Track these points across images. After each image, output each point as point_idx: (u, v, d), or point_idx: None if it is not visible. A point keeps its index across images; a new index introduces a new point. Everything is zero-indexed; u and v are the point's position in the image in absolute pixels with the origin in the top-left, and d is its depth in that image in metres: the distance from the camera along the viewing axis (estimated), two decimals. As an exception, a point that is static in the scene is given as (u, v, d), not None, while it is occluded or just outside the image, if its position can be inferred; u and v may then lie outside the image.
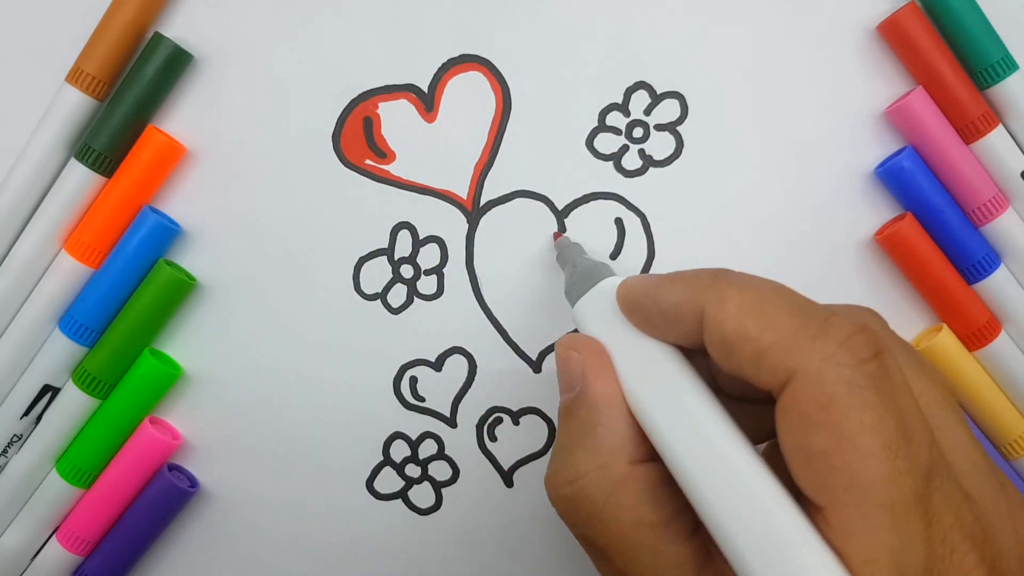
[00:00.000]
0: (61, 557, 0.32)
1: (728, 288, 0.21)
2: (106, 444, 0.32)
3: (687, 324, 0.22)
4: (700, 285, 0.22)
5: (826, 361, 0.19)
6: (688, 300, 0.22)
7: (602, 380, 0.23)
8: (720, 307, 0.21)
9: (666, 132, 0.32)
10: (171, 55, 0.30)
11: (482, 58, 0.31)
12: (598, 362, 0.24)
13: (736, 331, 0.20)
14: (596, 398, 0.23)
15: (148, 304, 0.31)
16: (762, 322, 0.20)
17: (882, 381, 0.19)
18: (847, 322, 0.20)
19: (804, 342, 0.19)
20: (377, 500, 0.33)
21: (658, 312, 0.23)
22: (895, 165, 0.30)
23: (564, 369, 0.24)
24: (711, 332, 0.21)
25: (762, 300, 0.21)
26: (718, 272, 0.22)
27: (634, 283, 0.24)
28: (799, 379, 0.19)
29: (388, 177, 0.32)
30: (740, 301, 0.21)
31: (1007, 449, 0.32)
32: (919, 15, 0.30)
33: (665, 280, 0.23)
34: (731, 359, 0.21)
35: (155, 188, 0.31)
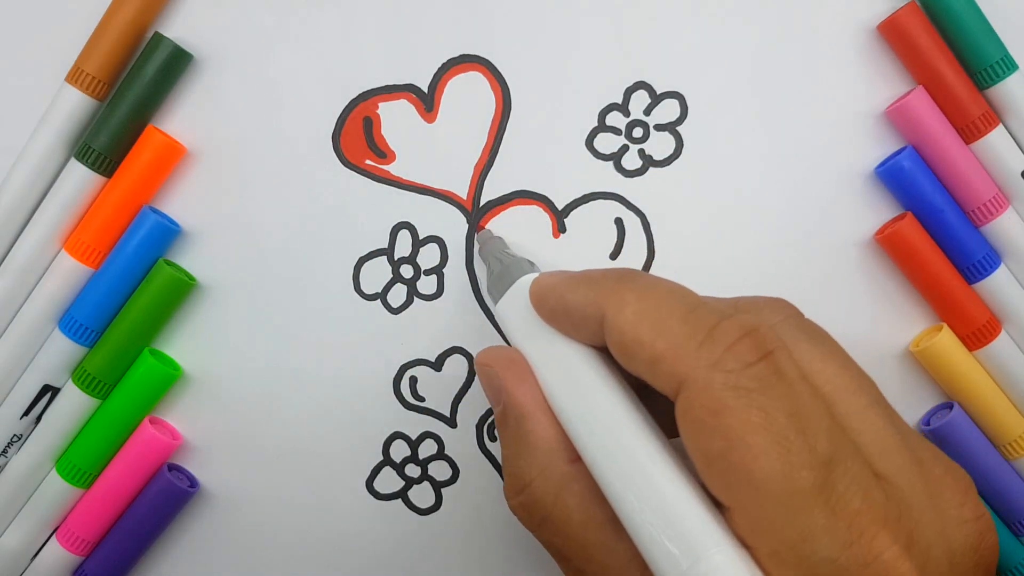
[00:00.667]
0: (61, 557, 0.32)
1: (628, 292, 0.22)
2: (106, 444, 0.32)
3: (591, 326, 0.22)
4: (603, 288, 0.22)
5: (713, 368, 0.20)
6: (591, 302, 0.22)
7: (521, 389, 0.24)
8: (619, 312, 0.22)
9: (666, 132, 0.32)
10: (171, 55, 0.30)
11: (482, 58, 0.31)
12: (514, 372, 0.24)
13: (632, 337, 0.21)
14: (519, 407, 0.24)
15: (148, 304, 0.31)
16: (655, 328, 0.21)
17: (770, 380, 0.19)
18: (734, 326, 0.20)
19: (692, 349, 0.20)
20: (377, 500, 0.33)
21: (564, 312, 0.23)
22: (895, 165, 0.30)
23: (486, 384, 0.25)
24: (610, 336, 0.22)
25: (658, 305, 0.21)
26: (622, 274, 0.23)
27: (544, 281, 0.25)
28: (689, 387, 0.20)
29: (388, 177, 0.32)
30: (637, 307, 0.21)
31: (1007, 449, 0.32)
32: (919, 15, 0.30)
33: (573, 280, 0.24)
34: (630, 364, 0.21)
35: (155, 188, 0.31)
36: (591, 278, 0.23)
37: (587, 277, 0.23)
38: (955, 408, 0.32)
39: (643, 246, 0.32)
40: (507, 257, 0.28)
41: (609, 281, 0.23)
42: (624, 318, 0.21)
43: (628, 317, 0.21)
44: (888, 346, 0.32)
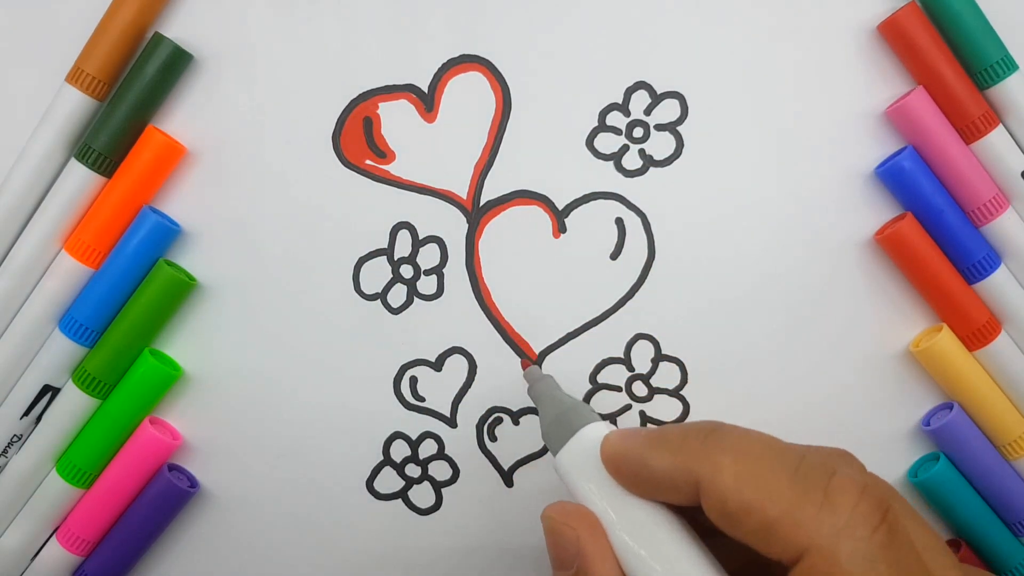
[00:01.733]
0: (61, 557, 0.32)
1: (721, 455, 0.21)
2: (106, 444, 0.32)
3: (681, 491, 0.22)
4: (690, 451, 0.22)
5: (838, 536, 0.19)
6: (679, 468, 0.21)
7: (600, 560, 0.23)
8: (716, 478, 0.21)
9: (666, 132, 0.32)
10: (171, 55, 0.30)
11: (482, 58, 0.31)
12: (594, 539, 0.23)
13: (738, 504, 0.20)
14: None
15: (148, 304, 0.31)
16: (763, 492, 0.20)
17: (892, 547, 0.19)
18: (849, 484, 0.20)
19: (812, 513, 0.19)
20: (377, 500, 0.33)
21: (648, 478, 0.22)
22: (895, 165, 0.30)
23: (557, 544, 0.24)
24: (710, 502, 0.21)
25: (758, 466, 0.20)
26: (707, 433, 0.22)
27: (618, 443, 0.23)
28: (813, 555, 0.19)
29: (388, 177, 0.32)
30: (736, 470, 0.20)
31: (1007, 449, 0.32)
32: (919, 15, 0.30)
33: (652, 443, 0.22)
34: (735, 530, 0.20)
35: (155, 188, 0.31)
36: (671, 440, 0.22)
37: (666, 439, 0.22)
38: (955, 408, 0.32)
39: (643, 246, 0.32)
40: (564, 400, 0.27)
41: (695, 442, 0.22)
42: (724, 483, 0.20)
43: (728, 483, 0.20)
44: (888, 346, 0.32)
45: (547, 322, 0.32)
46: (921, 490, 0.32)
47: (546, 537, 0.24)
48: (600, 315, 0.32)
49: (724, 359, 0.32)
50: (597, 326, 0.32)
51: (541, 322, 0.32)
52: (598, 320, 0.32)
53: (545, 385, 0.28)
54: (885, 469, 0.32)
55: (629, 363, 0.32)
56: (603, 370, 0.32)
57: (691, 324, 0.32)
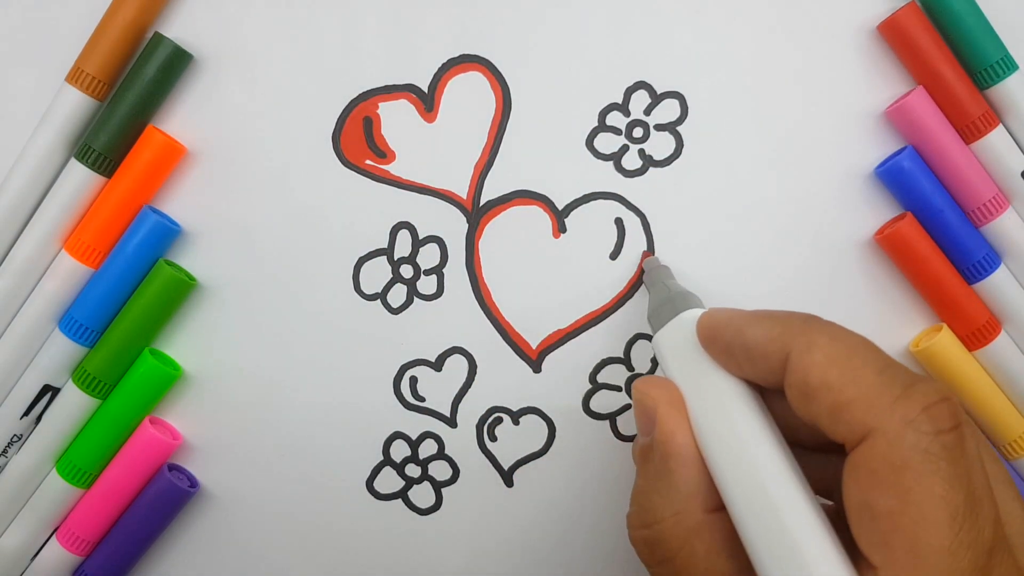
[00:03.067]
0: (61, 557, 0.32)
1: (818, 335, 0.21)
2: (106, 444, 0.32)
3: (770, 363, 0.22)
4: (790, 326, 0.22)
5: (907, 425, 0.19)
6: (775, 339, 0.22)
7: (674, 427, 0.23)
8: (807, 352, 0.21)
9: (666, 132, 0.32)
10: (171, 55, 0.30)
11: (482, 58, 0.31)
12: (671, 407, 0.24)
13: (820, 379, 0.20)
14: (669, 445, 0.23)
15: (148, 304, 0.31)
16: (847, 375, 0.20)
17: (958, 453, 0.19)
18: (932, 389, 0.20)
19: (887, 402, 0.20)
20: (377, 500, 0.33)
21: (741, 345, 0.23)
22: (895, 165, 0.30)
23: (640, 411, 0.25)
24: (794, 376, 0.21)
25: (851, 353, 0.21)
26: (809, 317, 0.22)
27: (718, 314, 0.24)
28: (876, 438, 0.19)
29: (388, 177, 0.32)
30: (829, 351, 0.21)
31: (1007, 449, 0.32)
32: (919, 15, 0.30)
33: (753, 315, 0.23)
34: (809, 407, 0.21)
35: (155, 188, 0.31)
36: (774, 315, 0.23)
37: (769, 314, 0.23)
38: (955, 408, 0.32)
39: (643, 246, 0.32)
40: (674, 287, 0.27)
41: (796, 320, 0.22)
42: (812, 359, 0.21)
43: (817, 359, 0.21)
44: (888, 346, 0.32)
45: (547, 322, 0.32)
46: (921, 490, 0.32)
47: (633, 405, 0.25)
48: (600, 315, 0.32)
49: (724, 359, 0.32)
50: (597, 326, 0.32)
51: (541, 322, 0.32)
52: (598, 320, 0.32)
53: (660, 273, 0.29)
54: (885, 469, 0.33)
55: (629, 363, 0.32)
56: (603, 370, 0.32)
57: (691, 324, 0.32)
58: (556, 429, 0.33)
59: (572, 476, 0.33)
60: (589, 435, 0.32)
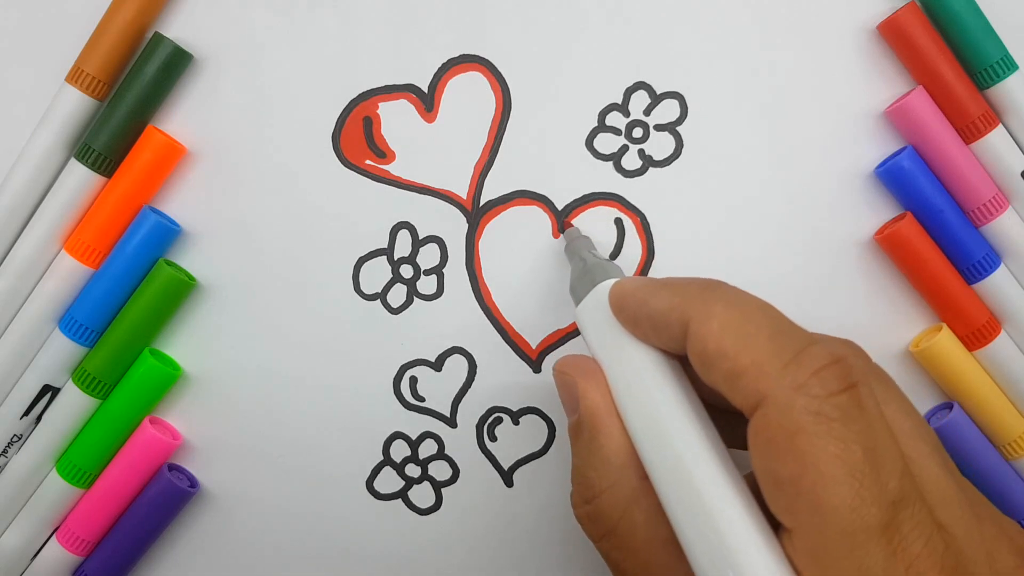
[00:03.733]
0: (61, 557, 0.32)
1: (715, 303, 0.21)
2: (106, 444, 0.32)
3: (672, 331, 0.22)
4: (689, 295, 0.22)
5: (797, 390, 0.19)
6: (675, 308, 0.22)
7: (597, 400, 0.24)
8: (704, 321, 0.21)
9: (666, 132, 0.32)
10: (171, 55, 0.30)
11: (482, 58, 0.31)
12: (592, 381, 0.24)
13: (716, 348, 0.21)
14: (594, 419, 0.24)
15: (148, 304, 0.31)
16: (740, 342, 0.20)
17: (852, 412, 0.19)
18: (823, 352, 0.20)
19: (777, 368, 0.20)
20: (377, 500, 0.33)
21: (645, 316, 0.23)
22: (895, 165, 0.30)
23: (562, 391, 0.25)
24: (693, 344, 0.21)
25: (745, 320, 0.21)
26: (708, 284, 0.23)
27: (625, 285, 0.24)
28: (768, 405, 0.20)
29: (388, 177, 0.32)
30: (724, 318, 0.21)
31: (1007, 449, 0.32)
32: (919, 15, 0.30)
33: (656, 284, 0.23)
34: (709, 374, 0.21)
35: (155, 188, 0.31)
36: (675, 284, 0.23)
37: (670, 283, 0.23)
38: (955, 408, 0.32)
39: (643, 246, 0.32)
40: (591, 258, 0.28)
41: (695, 288, 0.22)
42: (709, 328, 0.21)
43: (713, 328, 0.21)
44: (888, 346, 0.32)
45: (547, 322, 0.32)
46: (921, 490, 0.32)
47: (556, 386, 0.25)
48: (600, 315, 0.32)
49: (724, 359, 0.32)
50: (597, 326, 0.32)
51: (541, 322, 0.32)
52: (598, 320, 0.32)
53: (579, 244, 0.29)
54: (885, 469, 0.33)
55: (629, 363, 0.32)
56: (603, 370, 0.32)
57: (691, 324, 0.32)
58: (556, 429, 0.33)
59: (572, 476, 0.33)
60: (589, 435, 0.32)
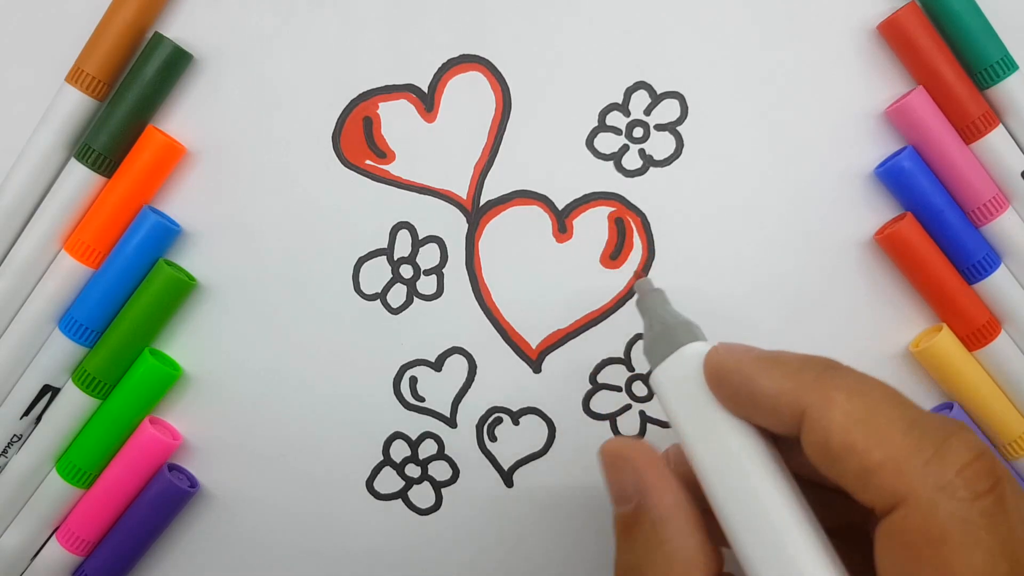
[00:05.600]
0: (61, 557, 0.32)
1: (835, 391, 0.20)
2: (106, 444, 0.32)
3: (782, 417, 0.21)
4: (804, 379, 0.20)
5: (941, 491, 0.18)
6: (788, 392, 0.20)
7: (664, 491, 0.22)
8: (825, 411, 0.20)
9: (666, 132, 0.32)
10: (171, 55, 0.30)
11: (482, 58, 0.31)
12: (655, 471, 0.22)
13: (842, 442, 0.19)
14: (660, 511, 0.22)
15: (148, 304, 0.31)
16: (872, 436, 0.19)
17: (998, 518, 0.18)
18: (964, 446, 0.19)
19: (918, 465, 0.18)
20: (377, 500, 0.33)
21: (750, 395, 0.21)
22: (895, 165, 0.30)
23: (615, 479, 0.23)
24: (812, 435, 0.20)
25: (873, 410, 0.19)
26: (825, 366, 0.21)
27: (726, 355, 0.22)
28: (910, 506, 0.18)
29: (388, 177, 0.32)
30: (848, 408, 0.20)
31: (1007, 449, 0.32)
32: (919, 15, 0.30)
33: (764, 361, 0.21)
34: (832, 468, 0.20)
35: (155, 188, 0.31)
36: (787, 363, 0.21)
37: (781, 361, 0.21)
38: (955, 408, 0.32)
39: (643, 246, 0.32)
40: (670, 316, 0.25)
41: (811, 371, 0.21)
42: (833, 418, 0.19)
43: (838, 418, 0.19)
44: (888, 346, 0.32)
45: (547, 322, 0.32)
46: (921, 490, 0.32)
47: (604, 472, 0.23)
48: (600, 315, 0.32)
49: (724, 359, 0.32)
50: (597, 326, 0.32)
51: (541, 322, 0.32)
52: (598, 320, 0.32)
53: (654, 299, 0.27)
54: (885, 469, 0.32)
55: (629, 363, 0.32)
56: (603, 370, 0.32)
57: (691, 324, 0.32)
58: (556, 429, 0.32)
59: (572, 476, 0.33)
60: (589, 435, 0.32)
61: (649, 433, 0.32)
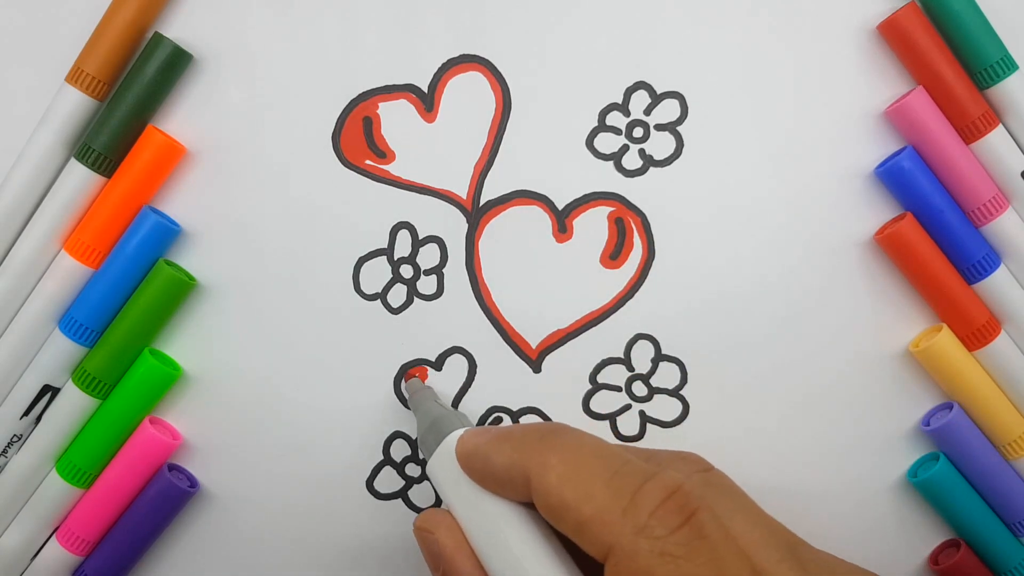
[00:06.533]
0: (61, 557, 0.32)
1: (551, 454, 0.22)
2: (106, 444, 0.32)
3: (517, 487, 0.23)
4: (526, 448, 0.23)
5: (639, 534, 0.20)
6: (515, 464, 0.23)
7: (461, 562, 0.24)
8: (543, 476, 0.22)
9: (666, 132, 0.32)
10: (171, 55, 0.30)
11: (482, 58, 0.31)
12: (451, 538, 0.24)
13: (558, 501, 0.21)
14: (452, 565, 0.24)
15: (148, 304, 0.31)
16: (579, 492, 0.21)
17: (695, 545, 0.20)
18: (657, 488, 0.21)
19: (617, 515, 0.20)
20: (377, 500, 0.33)
21: (491, 473, 0.24)
22: (895, 165, 0.30)
23: (425, 549, 0.25)
24: (538, 498, 0.22)
25: (580, 468, 0.22)
26: (545, 433, 0.23)
27: (468, 441, 0.25)
28: (616, 554, 0.20)
29: (388, 177, 0.32)
30: (561, 470, 0.22)
31: (1007, 449, 0.32)
32: (919, 15, 0.30)
33: (497, 440, 0.24)
34: (559, 526, 0.22)
35: (155, 188, 0.31)
36: (514, 437, 0.24)
37: (510, 436, 0.24)
38: (955, 408, 0.32)
39: (643, 246, 0.32)
40: (436, 409, 0.28)
41: (531, 440, 0.23)
42: (548, 481, 0.22)
43: (552, 480, 0.22)
44: (888, 346, 0.32)
45: (547, 322, 0.32)
46: (921, 490, 0.32)
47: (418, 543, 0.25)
48: (600, 315, 0.32)
49: (724, 359, 0.32)
50: (597, 326, 0.32)
51: (541, 322, 0.32)
52: (598, 320, 0.32)
53: (422, 396, 0.30)
54: (885, 469, 0.33)
55: (629, 363, 0.32)
56: (603, 370, 0.32)
57: (691, 324, 0.32)
58: None
59: (572, 476, 0.33)
60: (589, 435, 0.32)
61: (649, 433, 0.33)
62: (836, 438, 0.32)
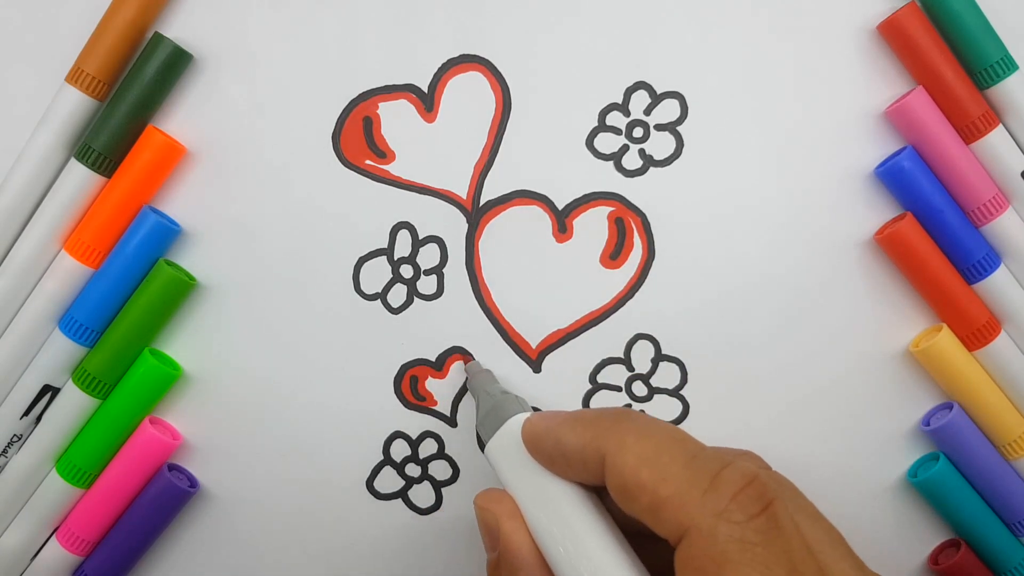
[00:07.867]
0: (61, 557, 0.32)
1: (627, 435, 0.22)
2: (106, 444, 0.32)
3: (589, 467, 0.23)
4: (601, 428, 0.23)
5: (718, 517, 0.20)
6: (589, 443, 0.23)
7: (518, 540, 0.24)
8: (619, 455, 0.22)
9: (666, 132, 0.32)
10: (171, 55, 0.30)
11: (482, 58, 0.31)
12: (512, 520, 0.24)
13: (634, 481, 0.21)
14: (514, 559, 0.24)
15: (148, 304, 0.31)
16: (657, 473, 0.21)
17: (772, 534, 0.20)
18: (736, 474, 0.21)
19: (696, 497, 0.20)
20: (377, 500, 0.33)
21: (560, 454, 0.24)
22: (895, 165, 0.30)
23: (483, 527, 0.25)
24: (611, 479, 0.22)
25: (659, 449, 0.22)
26: (619, 415, 0.23)
27: (537, 422, 0.25)
28: (693, 535, 0.20)
29: (388, 177, 0.32)
30: (638, 450, 0.22)
31: (1007, 449, 0.32)
32: (919, 15, 0.30)
33: (568, 420, 0.24)
34: (630, 507, 0.22)
35: (155, 188, 0.31)
36: (587, 418, 0.24)
37: (582, 417, 0.24)
38: (955, 408, 0.32)
39: (643, 246, 0.32)
40: (497, 394, 0.28)
41: (606, 421, 0.23)
42: (625, 461, 0.22)
43: (629, 460, 0.22)
44: (888, 346, 0.32)
45: (547, 322, 0.32)
46: (921, 490, 0.32)
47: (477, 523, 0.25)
48: (600, 315, 0.32)
49: (724, 359, 0.32)
50: (597, 326, 0.32)
51: (541, 322, 0.32)
52: (598, 320, 0.32)
53: (481, 380, 0.30)
54: (884, 469, 0.33)
55: (629, 363, 0.32)
56: (603, 370, 0.32)
57: (691, 324, 0.32)
58: None
59: (572, 476, 0.33)
60: (589, 435, 0.32)
61: (649, 433, 0.33)
62: (836, 438, 0.32)
